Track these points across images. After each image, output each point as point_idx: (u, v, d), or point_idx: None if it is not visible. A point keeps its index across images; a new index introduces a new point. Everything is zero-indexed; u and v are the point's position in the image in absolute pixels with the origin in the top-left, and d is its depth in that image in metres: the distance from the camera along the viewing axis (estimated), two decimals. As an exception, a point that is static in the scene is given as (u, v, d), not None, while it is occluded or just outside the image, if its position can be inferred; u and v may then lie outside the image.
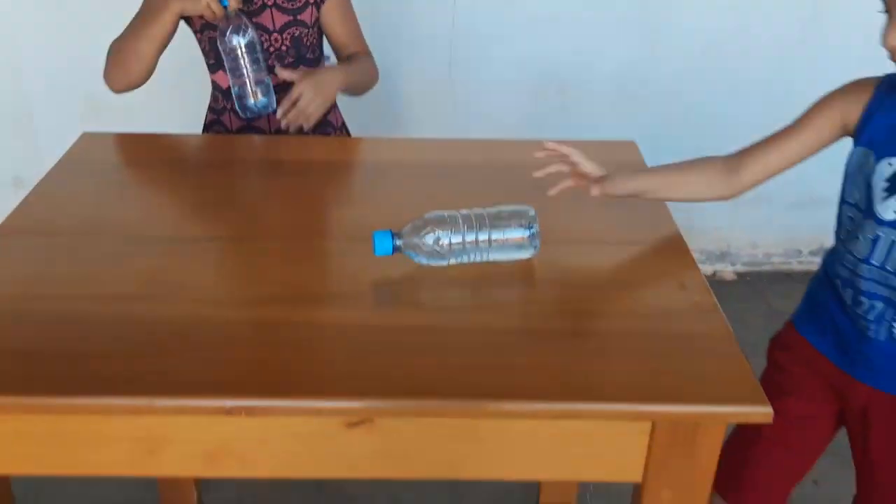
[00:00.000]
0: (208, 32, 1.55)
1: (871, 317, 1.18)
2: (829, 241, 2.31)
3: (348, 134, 1.75)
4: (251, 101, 1.46)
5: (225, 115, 1.64)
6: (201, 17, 1.49)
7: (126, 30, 1.51)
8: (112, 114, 2.41)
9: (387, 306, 1.05)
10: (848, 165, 1.21)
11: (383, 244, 1.05)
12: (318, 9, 1.60)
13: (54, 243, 1.12)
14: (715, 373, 0.91)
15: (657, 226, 1.22)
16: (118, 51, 1.49)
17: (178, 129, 2.44)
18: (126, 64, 1.48)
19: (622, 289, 1.09)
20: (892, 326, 1.18)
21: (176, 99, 2.39)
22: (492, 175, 1.38)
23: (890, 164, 1.14)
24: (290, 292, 1.03)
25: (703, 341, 0.96)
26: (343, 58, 1.65)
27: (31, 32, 2.31)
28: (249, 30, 1.44)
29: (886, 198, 1.14)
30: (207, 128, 1.69)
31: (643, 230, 1.21)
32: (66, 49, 2.33)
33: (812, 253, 2.67)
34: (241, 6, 1.45)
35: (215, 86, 1.64)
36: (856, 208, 1.20)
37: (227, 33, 1.43)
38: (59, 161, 1.35)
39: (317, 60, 1.65)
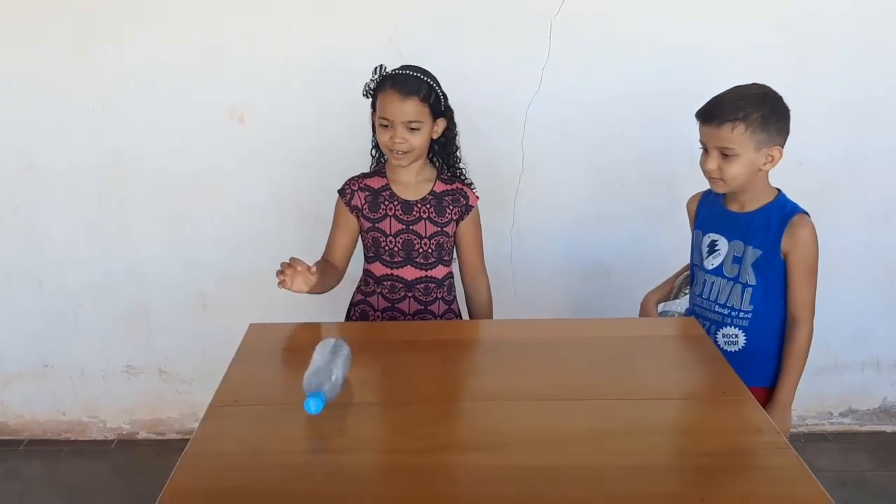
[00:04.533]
0: (372, 233, 2.01)
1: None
2: (857, 403, 2.70)
3: (459, 315, 2.17)
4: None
5: (373, 296, 2.06)
6: (368, 220, 2.01)
7: None
8: (218, 310, 2.79)
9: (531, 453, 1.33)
10: (692, 242, 2.09)
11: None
12: (457, 225, 2.06)
13: (260, 412, 1.42)
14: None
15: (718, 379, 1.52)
16: None
17: (280, 313, 2.79)
18: None
19: (712, 436, 1.37)
20: (716, 337, 1.95)
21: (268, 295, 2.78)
22: (575, 346, 1.72)
23: (709, 237, 2.01)
24: (448, 442, 1.33)
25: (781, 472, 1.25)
26: (463, 268, 2.14)
27: (153, 242, 2.71)
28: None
29: (708, 256, 2.00)
30: (354, 305, 2.10)
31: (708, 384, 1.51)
32: (182, 254, 2.72)
33: (842, 414, 2.92)
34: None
35: (369, 273, 2.07)
36: (695, 266, 2.04)
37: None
38: (238, 349, 1.67)
39: (450, 262, 2.10)
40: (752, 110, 1.82)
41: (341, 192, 2.06)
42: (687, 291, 2.09)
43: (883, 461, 2.79)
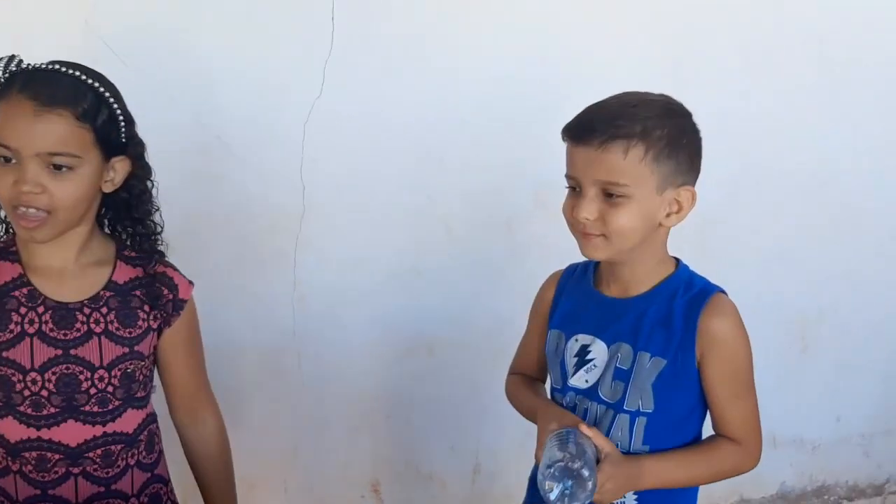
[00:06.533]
0: None
1: None
2: (750, 491, 2.21)
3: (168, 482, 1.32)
4: None
5: (8, 477, 1.16)
6: None
7: None
8: None
9: None
10: (548, 350, 1.31)
11: None
12: (160, 335, 1.21)
13: None
14: None
15: None
16: None
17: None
18: None
19: None
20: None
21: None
22: None
23: (577, 340, 1.26)
24: None
25: None
26: (174, 399, 1.29)
27: None
28: None
29: (577, 370, 1.25)
30: None
31: None
32: None
33: (732, 507, 2.33)
34: None
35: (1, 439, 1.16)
36: (556, 390, 1.30)
37: None
38: None
39: (148, 397, 1.25)
40: (655, 125, 1.13)
41: None
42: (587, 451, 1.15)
43: (784, 563, 2.21)
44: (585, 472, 1.07)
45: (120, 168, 1.16)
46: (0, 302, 1.14)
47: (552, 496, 1.07)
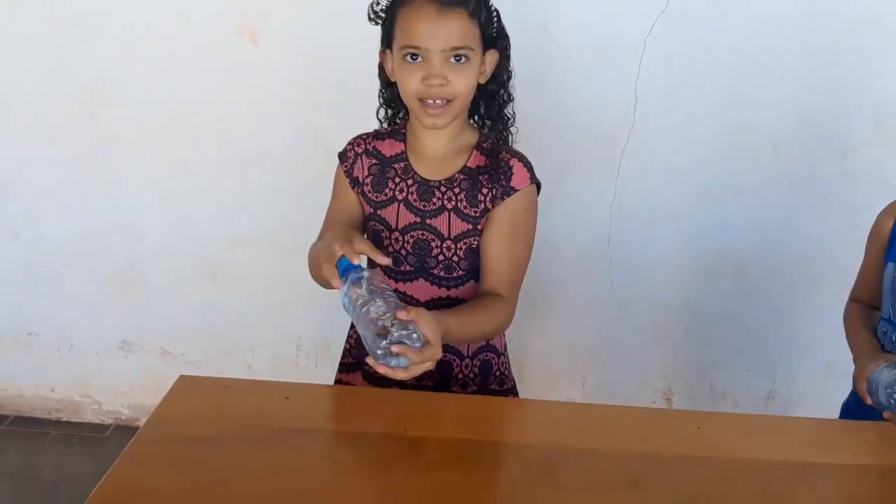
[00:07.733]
0: (374, 223, 1.37)
1: None
2: None
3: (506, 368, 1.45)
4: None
5: None
6: (369, 202, 1.35)
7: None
8: (229, 280, 2.21)
9: None
10: (884, 284, 1.30)
11: None
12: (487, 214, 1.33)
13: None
14: None
15: None
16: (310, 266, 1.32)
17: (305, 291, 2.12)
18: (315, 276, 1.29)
19: None
20: None
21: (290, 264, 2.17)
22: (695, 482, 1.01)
23: None
24: None
25: None
26: (481, 280, 1.34)
27: (145, 194, 2.13)
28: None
29: None
30: (351, 344, 1.44)
31: None
32: (182, 210, 2.14)
33: None
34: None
35: None
36: (886, 321, 1.28)
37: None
38: (158, 407, 1.08)
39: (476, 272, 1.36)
40: None
41: (342, 156, 1.39)
42: None
43: None
44: None
45: (490, 60, 1.29)
46: (383, 169, 1.35)
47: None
